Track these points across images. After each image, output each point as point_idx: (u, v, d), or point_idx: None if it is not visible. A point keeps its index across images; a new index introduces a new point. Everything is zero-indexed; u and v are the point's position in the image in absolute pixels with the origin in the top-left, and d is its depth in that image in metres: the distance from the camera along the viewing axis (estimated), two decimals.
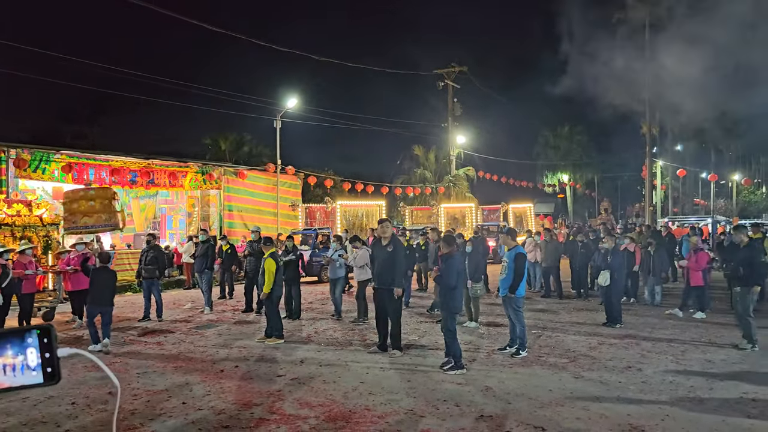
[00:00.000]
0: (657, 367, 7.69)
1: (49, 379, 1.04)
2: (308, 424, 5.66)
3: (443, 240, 8.24)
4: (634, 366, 7.77)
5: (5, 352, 0.95)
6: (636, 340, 9.39)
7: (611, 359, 8.16)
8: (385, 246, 8.74)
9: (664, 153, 44.70)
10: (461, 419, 5.75)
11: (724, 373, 7.38)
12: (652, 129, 34.24)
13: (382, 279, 8.67)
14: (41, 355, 0.94)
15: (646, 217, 33.02)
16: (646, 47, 30.47)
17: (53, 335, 0.93)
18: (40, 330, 0.91)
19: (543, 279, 15.09)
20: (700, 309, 11.51)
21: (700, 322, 11.04)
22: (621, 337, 9.63)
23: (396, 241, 8.86)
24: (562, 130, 54.13)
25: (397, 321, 8.65)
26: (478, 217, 29.90)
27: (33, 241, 12.40)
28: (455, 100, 34.90)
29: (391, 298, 8.54)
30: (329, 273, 12.33)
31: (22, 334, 0.91)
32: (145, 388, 7.01)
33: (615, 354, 8.48)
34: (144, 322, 11.73)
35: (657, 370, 7.53)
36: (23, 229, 12.54)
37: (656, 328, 10.45)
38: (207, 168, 21.46)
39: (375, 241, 9.39)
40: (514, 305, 8.50)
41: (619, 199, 61.57)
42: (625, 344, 9.14)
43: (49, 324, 0.94)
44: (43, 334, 0.93)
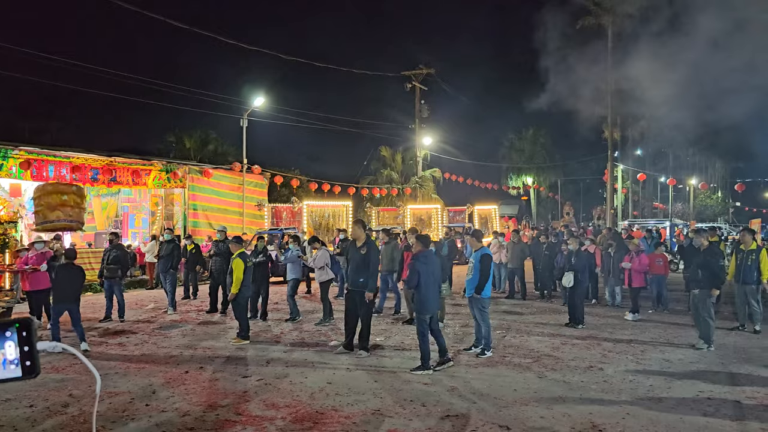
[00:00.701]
0: (618, 367, 7.87)
1: (27, 373, 1.03)
2: (275, 426, 5.64)
3: (417, 239, 8.20)
4: (595, 366, 7.93)
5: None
6: (597, 341, 9.59)
7: (574, 359, 8.32)
8: (359, 248, 8.75)
9: (625, 157, 45.73)
10: (428, 419, 5.80)
11: (682, 373, 7.59)
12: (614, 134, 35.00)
13: (355, 281, 8.68)
14: (20, 349, 0.93)
15: (607, 219, 33.72)
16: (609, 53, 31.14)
17: (33, 328, 0.92)
18: (19, 323, 0.91)
19: (508, 280, 15.28)
20: (634, 311, 11.75)
21: (659, 322, 11.33)
22: (583, 338, 9.83)
23: (370, 243, 8.86)
24: (527, 134, 54.90)
25: (367, 322, 8.66)
26: (444, 219, 30.09)
27: None
28: (422, 102, 35.09)
29: (363, 299, 8.55)
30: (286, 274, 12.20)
31: (1, 327, 0.90)
32: (106, 390, 6.88)
33: (577, 354, 8.65)
34: (105, 322, 11.50)
35: (618, 370, 7.71)
36: None
37: (617, 329, 10.68)
38: (171, 166, 21.13)
39: (351, 242, 9.40)
40: (480, 306, 8.59)
41: (582, 202, 62.75)
42: (587, 344, 9.32)
43: (29, 317, 0.93)
44: (22, 328, 0.92)
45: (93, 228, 21.33)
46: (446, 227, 27.47)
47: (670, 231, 26.43)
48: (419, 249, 7.98)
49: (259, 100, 24.92)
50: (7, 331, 0.91)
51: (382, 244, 12.50)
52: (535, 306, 13.63)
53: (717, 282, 9.22)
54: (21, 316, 0.90)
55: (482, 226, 30.51)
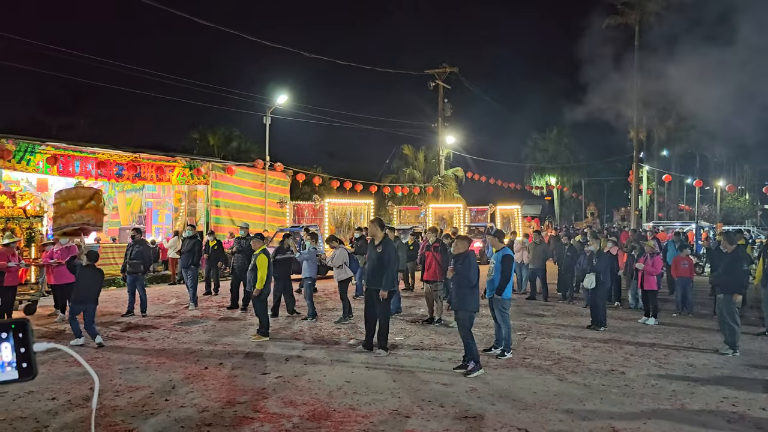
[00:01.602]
0: (640, 371, 7.75)
1: (24, 375, 1.02)
2: (292, 423, 5.64)
3: (459, 239, 8.23)
4: (617, 369, 7.82)
5: None
6: (620, 344, 9.46)
7: (595, 362, 8.21)
8: (376, 246, 8.74)
9: (651, 158, 45.08)
10: (445, 420, 5.76)
11: (706, 378, 7.45)
12: (640, 134, 34.53)
13: (371, 279, 8.68)
14: (16, 351, 0.92)
15: (631, 221, 33.28)
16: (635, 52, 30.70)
17: (29, 330, 0.91)
18: (15, 325, 0.89)
19: (529, 281, 15.14)
20: (653, 314, 11.56)
21: (682, 326, 11.14)
22: (605, 341, 9.70)
23: (386, 242, 8.84)
24: (551, 133, 54.46)
25: (385, 321, 8.64)
26: (465, 218, 29.96)
27: (16, 233, 12.25)
28: (445, 101, 34.98)
29: (379, 297, 8.53)
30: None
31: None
32: (127, 385, 6.96)
33: (599, 357, 8.53)
34: (128, 317, 11.64)
35: (640, 374, 7.59)
36: (6, 220, 12.36)
37: (639, 332, 10.53)
38: (195, 163, 21.30)
39: (369, 241, 9.40)
40: (501, 307, 8.52)
41: (606, 203, 62.02)
42: (609, 347, 9.20)
43: (24, 318, 0.92)
44: (18, 329, 0.91)
45: (117, 223, 21.63)
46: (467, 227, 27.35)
47: (696, 233, 25.99)
48: (466, 247, 7.97)
49: (282, 98, 25.02)
50: (3, 333, 0.89)
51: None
52: (556, 307, 13.49)
53: (739, 287, 9.03)
54: (18, 317, 0.89)
55: (504, 226, 30.32)
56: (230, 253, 14.25)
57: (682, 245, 14.16)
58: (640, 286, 11.93)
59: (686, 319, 12.03)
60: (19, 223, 12.56)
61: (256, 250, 10.15)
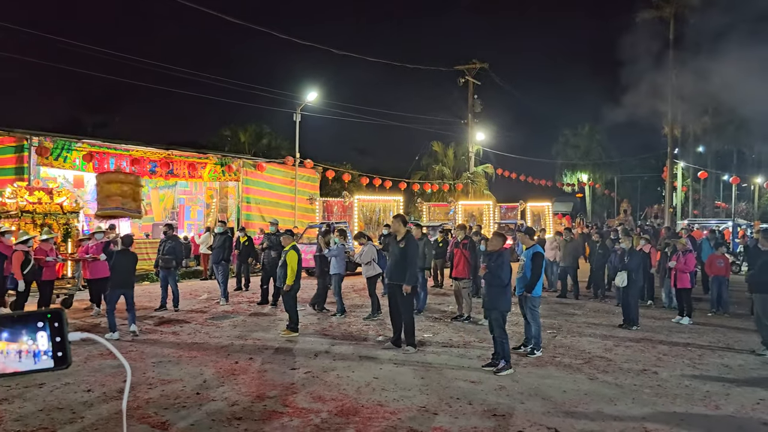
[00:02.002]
0: (673, 371, 7.61)
1: (59, 364, 1.04)
2: (320, 418, 5.68)
3: (494, 235, 8.18)
4: (649, 369, 7.69)
5: (18, 338, 0.95)
6: (652, 343, 9.30)
7: (627, 361, 8.08)
8: (398, 242, 8.75)
9: (686, 154, 44.14)
10: (473, 417, 5.74)
11: (742, 379, 7.28)
12: (674, 130, 33.83)
13: (393, 274, 8.70)
14: (52, 339, 0.94)
15: (665, 219, 32.65)
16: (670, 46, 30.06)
17: (64, 319, 0.93)
18: (51, 314, 0.91)
19: (560, 279, 14.97)
20: (687, 313, 11.32)
21: (718, 326, 10.90)
22: (637, 340, 9.54)
23: (409, 238, 8.85)
24: (583, 129, 53.71)
25: (408, 316, 8.64)
26: (495, 215, 29.75)
27: (53, 229, 12.55)
28: (475, 97, 34.74)
29: (402, 293, 8.54)
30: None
31: (33, 318, 0.91)
32: (159, 378, 7.08)
33: (631, 356, 8.40)
34: (160, 311, 11.83)
35: (673, 374, 7.45)
36: (44, 216, 12.69)
37: (673, 331, 10.33)
38: (226, 160, 21.57)
39: (391, 237, 9.41)
40: (531, 305, 8.45)
41: (639, 200, 60.94)
42: (641, 347, 9.05)
43: (60, 308, 0.94)
44: (53, 319, 0.93)
45: (150, 219, 21.97)
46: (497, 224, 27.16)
47: (732, 231, 25.40)
48: (500, 245, 7.90)
49: (311, 95, 25.16)
50: (39, 322, 0.91)
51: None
52: (587, 306, 13.32)
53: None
54: (53, 307, 0.91)
55: (534, 224, 30.02)
56: (260, 249, 14.37)
57: (718, 243, 13.86)
58: (674, 284, 11.71)
59: (722, 318, 11.77)
60: (56, 218, 12.87)
61: (286, 246, 10.24)
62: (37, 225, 12.48)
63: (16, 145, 16.36)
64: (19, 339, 0.97)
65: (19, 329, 0.96)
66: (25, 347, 0.97)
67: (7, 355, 0.95)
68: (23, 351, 0.97)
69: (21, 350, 0.96)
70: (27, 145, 16.07)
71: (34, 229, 12.30)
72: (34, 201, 12.84)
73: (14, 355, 0.96)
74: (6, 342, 0.95)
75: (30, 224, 12.47)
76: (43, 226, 12.44)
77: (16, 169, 16.32)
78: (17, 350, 0.96)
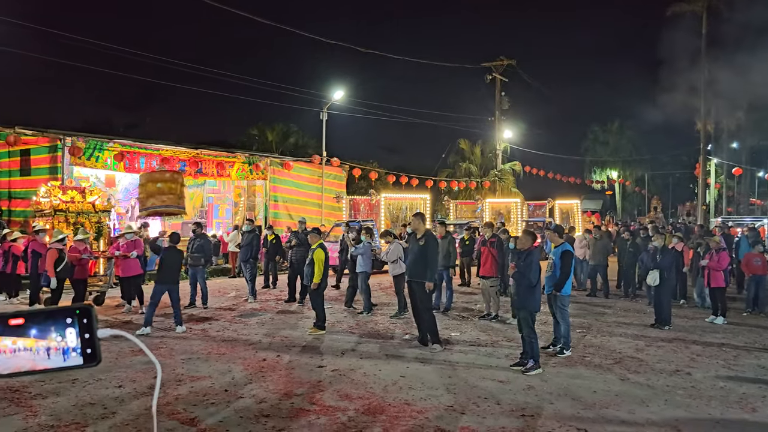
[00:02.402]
0: (707, 372, 7.43)
1: (88, 361, 1.03)
2: (347, 416, 5.67)
3: (524, 233, 8.08)
4: (683, 370, 7.53)
5: (46, 334, 0.94)
6: (685, 343, 9.10)
7: (659, 362, 7.92)
8: (418, 239, 8.75)
9: (720, 150, 43.18)
10: (501, 417, 5.67)
11: None
12: (707, 126, 33.11)
13: (413, 272, 8.71)
14: (81, 336, 0.93)
15: (698, 216, 32.01)
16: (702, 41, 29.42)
17: (93, 315, 0.91)
18: (80, 310, 0.90)
19: (590, 277, 14.76)
20: (721, 313, 11.05)
21: (754, 326, 10.63)
22: (669, 340, 9.35)
23: (429, 236, 8.84)
24: (612, 126, 52.93)
25: (428, 315, 8.60)
26: (523, 213, 29.48)
27: (86, 227, 12.79)
28: (503, 94, 34.47)
29: (421, 290, 8.51)
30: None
31: (61, 314, 0.90)
32: (188, 374, 7.15)
33: (663, 357, 8.23)
34: (190, 309, 11.96)
35: (707, 375, 7.28)
36: (76, 215, 12.93)
37: (707, 331, 10.11)
38: (254, 158, 21.73)
39: (411, 235, 9.41)
40: (560, 303, 8.33)
41: (670, 197, 59.86)
42: (673, 347, 8.86)
43: (89, 304, 0.93)
44: (82, 315, 0.91)
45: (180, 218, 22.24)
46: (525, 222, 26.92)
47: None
48: (530, 244, 7.79)
49: (338, 94, 25.19)
50: (68, 318, 0.90)
51: (439, 238, 12.20)
52: (618, 305, 13.11)
53: None
54: (82, 303, 0.90)
55: (563, 221, 29.68)
56: (286, 247, 14.41)
57: (756, 241, 13.51)
58: (707, 283, 11.46)
59: (758, 318, 11.48)
60: (88, 217, 13.11)
61: (313, 244, 10.26)
62: (70, 223, 12.74)
63: (50, 146, 16.69)
64: (48, 336, 0.96)
65: (48, 326, 0.95)
66: (54, 344, 0.96)
67: (36, 352, 0.94)
68: (52, 348, 0.96)
69: (50, 347, 0.96)
70: (60, 146, 16.39)
71: (67, 228, 12.55)
72: (67, 200, 13.11)
73: (43, 352, 0.95)
74: (35, 339, 0.94)
75: (63, 223, 12.73)
76: (76, 224, 12.68)
77: (50, 168, 16.65)
78: (46, 347, 0.95)
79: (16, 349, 0.93)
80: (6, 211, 17.21)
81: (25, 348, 0.94)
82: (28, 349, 0.95)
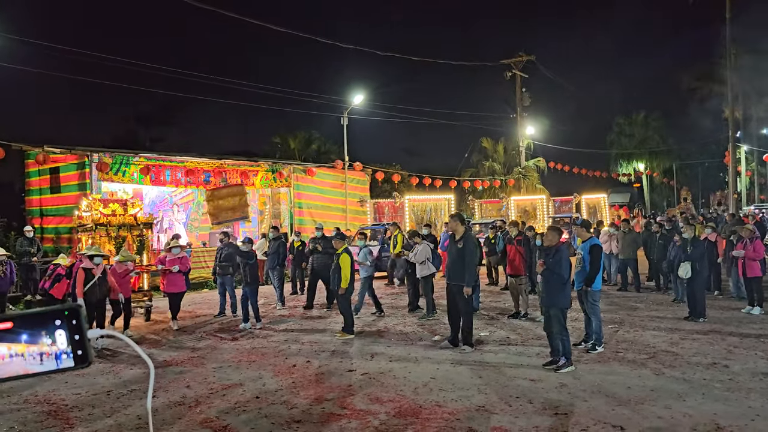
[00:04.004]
0: (745, 364, 7.25)
1: (79, 362, 1.01)
2: (378, 420, 5.65)
3: (550, 230, 7.98)
4: (719, 363, 7.36)
5: (37, 339, 0.93)
6: (721, 335, 8.90)
7: (695, 355, 7.76)
8: (456, 242, 8.66)
9: (749, 137, 42.25)
10: (534, 416, 5.60)
11: None
12: (735, 112, 32.42)
13: (452, 275, 8.59)
14: (71, 338, 0.91)
15: (729, 205, 31.35)
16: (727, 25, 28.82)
17: (82, 316, 0.90)
18: (68, 311, 0.89)
19: (620, 272, 14.53)
20: (758, 303, 10.77)
21: None
22: (705, 332, 9.15)
23: (467, 237, 8.74)
24: (637, 117, 52.08)
25: (467, 317, 8.53)
26: (549, 209, 29.19)
27: (128, 241, 12.47)
28: (523, 90, 34.17)
29: (461, 294, 8.44)
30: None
31: (50, 316, 0.89)
32: (220, 382, 7.20)
33: (699, 350, 8.06)
34: (219, 317, 12.05)
35: (745, 367, 7.10)
36: (118, 228, 12.46)
37: (743, 323, 9.87)
38: (277, 166, 21.86)
39: (450, 236, 9.31)
40: (591, 299, 8.21)
41: (700, 187, 58.76)
42: (709, 339, 8.67)
43: (77, 305, 0.91)
44: (71, 316, 0.90)
45: (207, 228, 22.46)
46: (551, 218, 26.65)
47: None
48: (557, 240, 7.69)
49: (358, 98, 25.24)
50: (57, 320, 0.89)
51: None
52: (650, 299, 12.88)
53: None
54: (70, 303, 0.89)
55: (590, 216, 29.30)
56: (308, 253, 14.27)
57: None
58: (742, 273, 11.20)
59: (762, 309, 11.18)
60: (130, 230, 12.71)
61: (338, 249, 10.27)
62: (111, 238, 12.33)
63: (78, 162, 17.00)
64: (40, 340, 0.95)
65: (38, 330, 0.94)
66: (46, 349, 0.95)
67: (28, 358, 0.93)
68: (45, 353, 0.95)
69: (42, 352, 0.94)
70: (88, 162, 16.67)
71: (108, 242, 12.22)
72: (108, 213, 12.62)
73: (36, 357, 0.94)
74: (26, 344, 0.93)
75: (105, 237, 12.30)
76: (118, 238, 12.30)
77: (80, 185, 16.96)
78: (38, 352, 0.94)
79: (9, 355, 0.93)
80: (39, 228, 17.57)
81: (17, 354, 0.94)
82: (20, 354, 0.94)
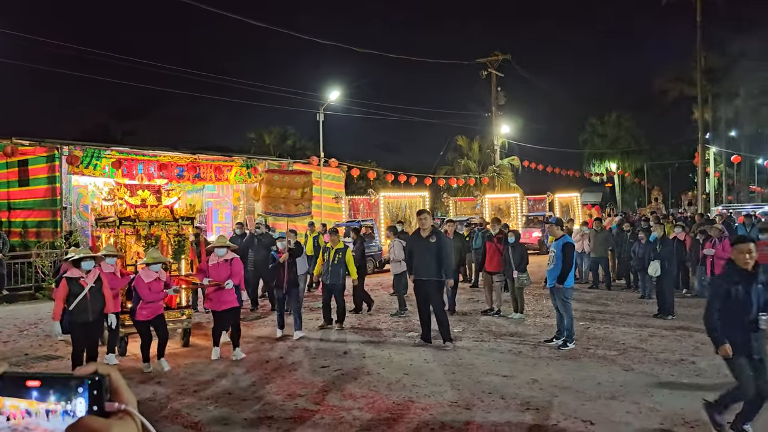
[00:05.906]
0: (711, 360, 7.38)
1: None
2: (352, 415, 5.65)
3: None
4: (687, 359, 7.51)
5: (53, 398, 0.90)
6: (689, 332, 9.07)
7: (663, 351, 7.91)
8: (426, 237, 8.62)
9: (718, 139, 43.12)
10: (506, 412, 5.65)
11: None
12: (705, 114, 33.05)
13: (423, 271, 8.51)
14: (89, 408, 0.90)
15: (699, 205, 31.96)
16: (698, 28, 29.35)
17: (104, 388, 0.88)
18: (91, 381, 0.87)
19: (591, 270, 14.72)
20: None
21: None
22: (673, 329, 9.33)
23: (439, 233, 8.77)
24: (610, 118, 52.82)
25: (441, 312, 8.55)
26: (523, 208, 29.45)
27: (162, 240, 9.09)
28: (499, 89, 34.40)
29: (435, 289, 8.45)
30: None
31: (73, 382, 0.87)
32: (192, 378, 7.13)
33: (667, 346, 8.21)
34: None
35: (711, 363, 7.24)
36: (149, 225, 8.99)
37: None
38: (251, 162, 21.71)
39: (414, 233, 9.19)
40: (563, 296, 8.32)
41: (670, 187, 59.82)
42: (677, 336, 8.84)
43: (102, 375, 0.88)
44: (93, 386, 0.89)
45: None
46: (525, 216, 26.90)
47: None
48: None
49: (334, 94, 25.17)
50: (80, 387, 0.87)
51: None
52: (621, 296, 13.08)
53: None
54: (95, 372, 0.88)
55: (563, 215, 29.64)
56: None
57: (763, 229, 13.46)
58: (710, 272, 11.43)
59: None
60: (165, 227, 9.19)
61: (335, 245, 10.35)
62: (140, 236, 8.95)
63: (47, 155, 16.67)
64: (59, 403, 0.92)
65: (59, 393, 0.91)
66: (61, 410, 0.92)
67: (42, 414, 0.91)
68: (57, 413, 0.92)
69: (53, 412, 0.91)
70: (58, 155, 16.36)
71: (136, 242, 8.96)
72: (136, 204, 9.24)
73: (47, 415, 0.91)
74: (55, 402, 0.91)
75: (132, 235, 8.91)
76: (148, 237, 8.97)
77: (49, 178, 16.64)
78: (49, 411, 0.92)
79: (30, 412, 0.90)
80: (6, 222, 17.20)
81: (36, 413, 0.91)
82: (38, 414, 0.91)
